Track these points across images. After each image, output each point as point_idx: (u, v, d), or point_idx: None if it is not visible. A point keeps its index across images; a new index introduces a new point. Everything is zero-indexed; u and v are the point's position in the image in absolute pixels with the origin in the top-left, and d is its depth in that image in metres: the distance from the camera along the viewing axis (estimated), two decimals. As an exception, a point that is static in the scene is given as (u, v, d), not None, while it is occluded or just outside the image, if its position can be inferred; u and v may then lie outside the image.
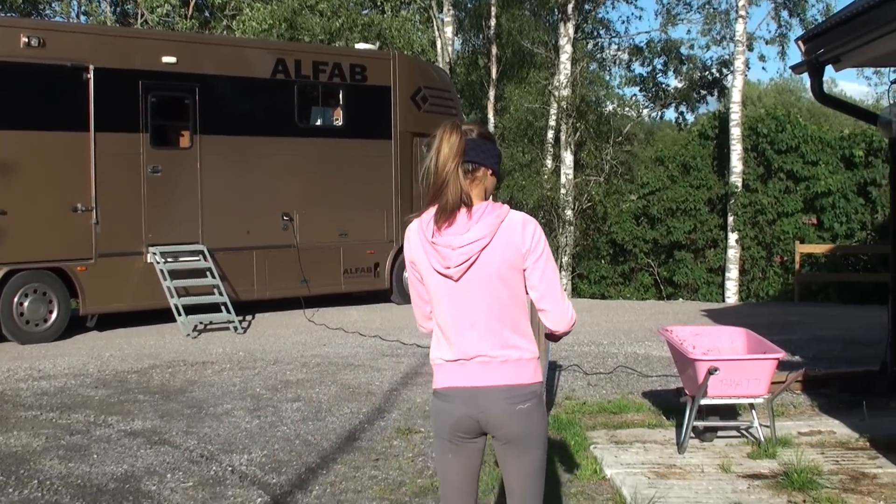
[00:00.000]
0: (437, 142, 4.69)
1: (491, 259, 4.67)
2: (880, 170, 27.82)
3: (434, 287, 4.77)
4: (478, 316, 4.72)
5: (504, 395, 4.71)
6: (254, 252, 19.53)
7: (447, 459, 4.88)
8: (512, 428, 4.76)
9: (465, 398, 4.74)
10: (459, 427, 4.80)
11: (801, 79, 65.85)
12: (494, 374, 4.72)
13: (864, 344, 15.36)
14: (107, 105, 17.56)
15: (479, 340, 4.73)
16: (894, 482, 8.23)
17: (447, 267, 4.68)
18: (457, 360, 4.76)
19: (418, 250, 4.78)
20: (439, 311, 4.80)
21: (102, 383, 12.93)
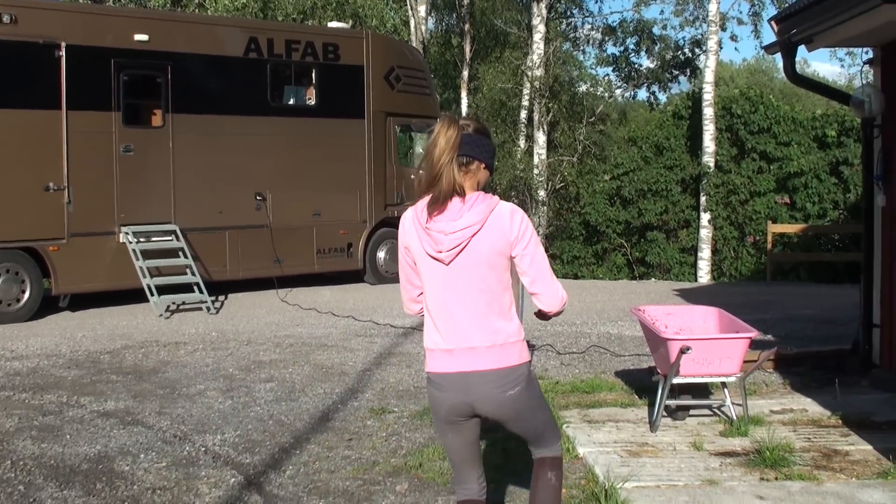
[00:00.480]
0: (435, 134, 4.97)
1: (480, 246, 4.97)
2: (853, 149, 27.91)
3: (426, 271, 5.09)
4: (467, 299, 5.02)
5: (493, 381, 5.02)
6: (226, 232, 19.48)
7: (448, 437, 5.26)
8: (504, 412, 5.13)
9: (456, 384, 5.05)
10: (454, 411, 5.12)
11: (773, 59, 66.09)
12: (482, 358, 5.02)
13: (837, 323, 15.46)
14: (79, 83, 17.45)
15: (467, 324, 5.03)
16: (866, 459, 8.29)
17: (439, 251, 4.98)
18: (447, 347, 5.07)
19: (412, 236, 5.12)
20: (430, 296, 5.12)
21: (75, 364, 12.90)
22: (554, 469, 5.38)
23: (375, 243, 21.96)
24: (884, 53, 11.14)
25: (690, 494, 7.31)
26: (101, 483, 7.90)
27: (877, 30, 9.94)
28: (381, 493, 7.63)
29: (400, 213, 18.34)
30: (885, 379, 10.83)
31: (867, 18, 9.42)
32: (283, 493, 7.65)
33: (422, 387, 11.41)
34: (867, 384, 11.11)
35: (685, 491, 7.40)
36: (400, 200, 22.36)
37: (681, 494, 7.31)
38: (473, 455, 5.32)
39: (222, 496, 7.61)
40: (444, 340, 5.09)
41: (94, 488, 7.77)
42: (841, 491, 7.36)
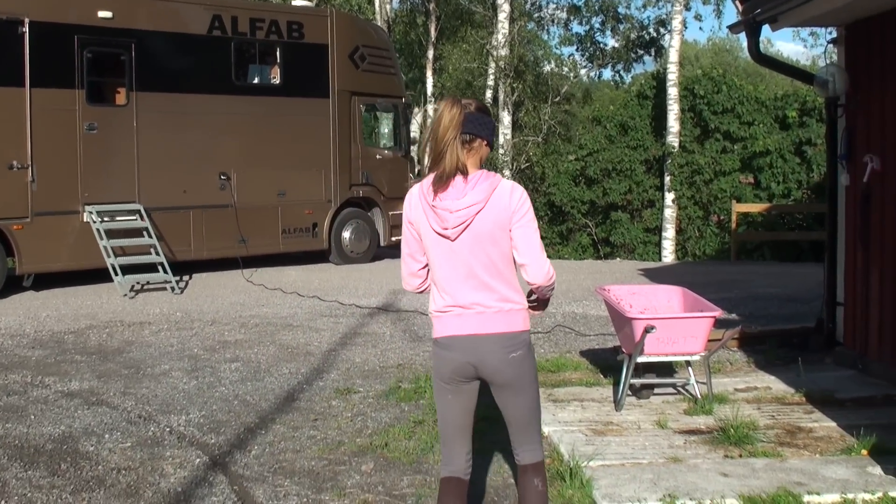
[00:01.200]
0: (439, 113, 5.22)
1: (484, 222, 5.20)
2: (815, 129, 28.08)
3: (432, 246, 5.30)
4: (473, 271, 5.26)
5: (498, 344, 5.26)
6: (191, 212, 19.40)
7: (447, 399, 5.45)
8: (505, 374, 5.30)
9: (464, 346, 5.30)
10: (458, 372, 5.35)
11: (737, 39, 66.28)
12: (490, 322, 5.27)
13: (800, 301, 15.56)
14: (42, 60, 17.31)
15: (474, 293, 5.28)
16: (829, 435, 8.36)
17: (445, 228, 5.21)
18: (455, 311, 5.32)
19: (418, 212, 5.33)
20: (437, 268, 5.34)
21: (39, 344, 12.84)
22: (538, 475, 5.50)
23: (340, 223, 21.92)
24: (847, 33, 11.18)
25: (655, 472, 7.34)
26: (66, 463, 7.86)
27: (841, 9, 9.98)
28: (347, 472, 7.63)
29: (365, 193, 18.28)
30: (849, 356, 10.91)
31: (831, -2, 9.48)
32: (249, 473, 7.64)
33: (387, 366, 11.43)
34: (831, 362, 11.19)
35: (650, 469, 7.44)
36: (365, 180, 22.34)
37: (645, 472, 7.34)
38: (466, 425, 5.50)
39: (187, 476, 7.59)
40: (454, 307, 5.32)
41: (58, 468, 7.74)
42: (805, 467, 7.41)
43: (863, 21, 10.68)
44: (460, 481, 5.53)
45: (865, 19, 10.59)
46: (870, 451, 7.72)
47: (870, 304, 10.53)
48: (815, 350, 11.63)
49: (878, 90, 10.45)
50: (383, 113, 23.31)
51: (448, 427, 5.51)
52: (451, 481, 5.52)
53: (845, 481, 7.09)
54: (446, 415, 5.50)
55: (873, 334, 10.47)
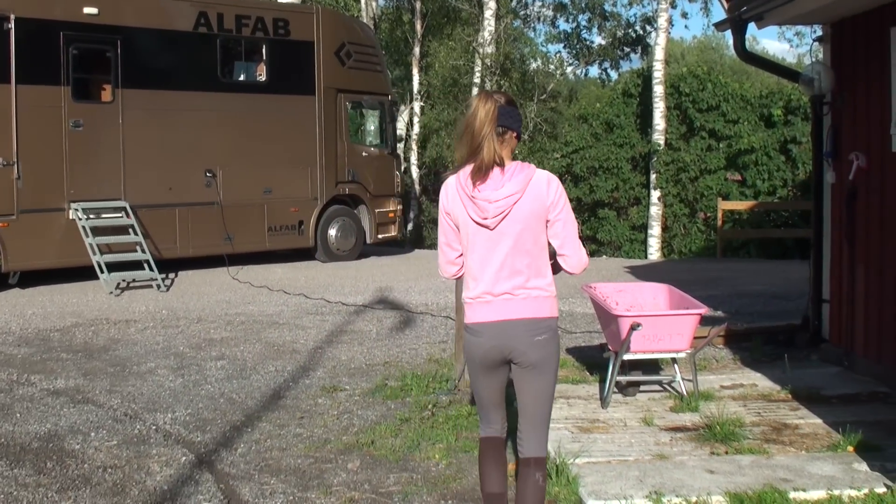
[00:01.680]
0: (473, 109, 5.50)
1: (521, 211, 5.47)
2: (800, 127, 28.13)
3: (471, 235, 5.56)
4: (507, 259, 5.52)
5: (525, 328, 5.52)
6: (176, 209, 19.37)
7: (480, 380, 5.75)
8: (531, 355, 5.55)
9: (493, 331, 5.55)
10: (488, 356, 5.61)
11: (723, 36, 66.36)
12: (517, 308, 5.53)
13: (786, 298, 15.60)
14: (28, 56, 17.24)
15: (506, 280, 5.53)
16: (815, 432, 8.37)
17: (485, 218, 5.47)
18: (485, 298, 5.56)
19: (456, 202, 5.59)
20: (473, 256, 5.59)
21: (25, 341, 12.81)
22: (539, 469, 5.68)
23: (327, 221, 21.90)
24: (833, 31, 11.20)
25: (641, 469, 7.35)
26: (52, 462, 7.85)
27: (826, 7, 10.00)
28: (333, 470, 7.63)
29: (351, 191, 18.25)
30: (835, 353, 10.93)
31: (817, -4, 9.50)
32: (235, 472, 7.63)
33: (373, 364, 11.45)
34: (817, 359, 11.21)
35: (636, 466, 7.44)
36: (351, 178, 22.33)
37: (631, 469, 7.35)
38: (500, 399, 5.81)
39: (173, 474, 7.58)
40: (485, 294, 5.57)
41: (44, 467, 7.72)
42: (791, 464, 7.42)
43: (848, 19, 10.70)
44: (498, 440, 5.86)
45: (851, 17, 10.61)
46: (856, 447, 7.74)
47: (855, 301, 10.55)
48: (801, 347, 11.65)
49: (863, 88, 10.47)
50: (369, 110, 23.28)
51: (485, 399, 5.81)
52: (490, 440, 5.85)
53: (831, 478, 7.10)
54: (481, 392, 5.81)
55: (859, 331, 10.49)
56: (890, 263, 9.81)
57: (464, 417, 8.93)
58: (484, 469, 5.84)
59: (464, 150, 5.59)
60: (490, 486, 5.79)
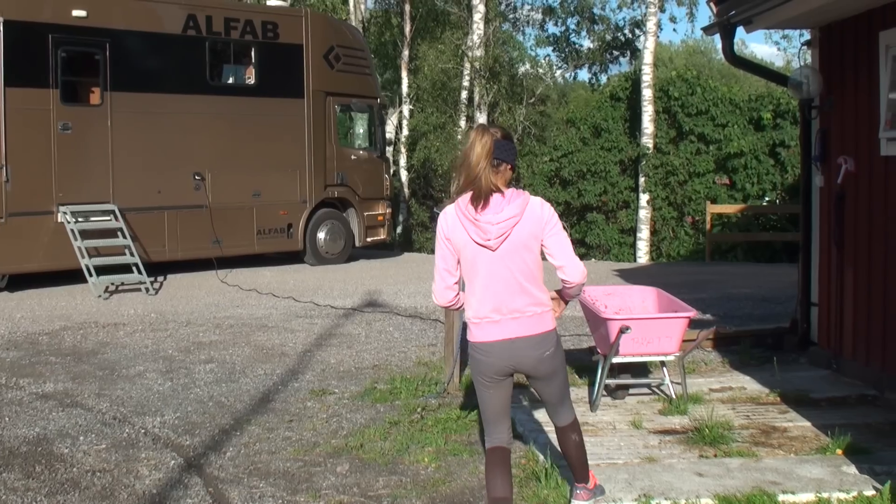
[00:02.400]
0: (471, 142, 5.91)
1: (521, 233, 5.90)
2: (789, 131, 28.19)
3: (472, 258, 5.95)
4: (512, 277, 5.94)
5: (533, 344, 5.97)
6: (165, 212, 19.35)
7: (489, 394, 6.12)
8: (540, 370, 6.08)
9: (502, 350, 5.96)
10: (499, 372, 6.03)
11: (711, 40, 66.44)
12: (525, 326, 5.97)
13: (775, 302, 15.62)
14: (16, 59, 17.22)
15: (511, 298, 5.96)
16: (804, 435, 8.39)
17: (487, 239, 5.86)
18: (493, 318, 5.96)
19: (457, 227, 5.96)
20: (476, 279, 5.98)
21: (13, 345, 12.78)
22: (575, 430, 6.41)
23: (315, 224, 21.91)
24: (822, 35, 11.22)
25: (630, 472, 7.36)
26: (41, 466, 7.83)
27: (815, 11, 10.02)
28: (322, 474, 7.62)
29: (340, 194, 18.25)
30: (823, 356, 10.95)
31: (806, 0, 9.50)
32: (224, 475, 7.62)
33: (362, 368, 11.44)
34: (805, 362, 11.23)
35: (625, 469, 7.45)
36: (340, 181, 22.33)
37: (620, 472, 7.35)
38: (506, 409, 6.18)
39: (162, 478, 7.57)
40: (491, 313, 5.96)
41: (33, 471, 7.71)
42: (779, 466, 7.43)
43: (837, 23, 10.72)
44: (505, 450, 6.14)
45: (839, 21, 10.63)
46: (844, 450, 7.76)
47: (844, 304, 10.57)
48: (789, 350, 11.67)
49: (851, 92, 10.50)
50: (358, 113, 23.29)
51: (492, 413, 6.16)
52: (497, 450, 6.13)
53: (820, 481, 7.11)
54: (489, 404, 6.15)
55: (847, 334, 10.51)
56: (878, 267, 9.83)
57: (453, 421, 8.93)
58: (491, 476, 6.11)
59: (461, 180, 5.97)
60: (497, 492, 6.05)
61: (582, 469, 6.54)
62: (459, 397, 9.84)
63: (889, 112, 9.67)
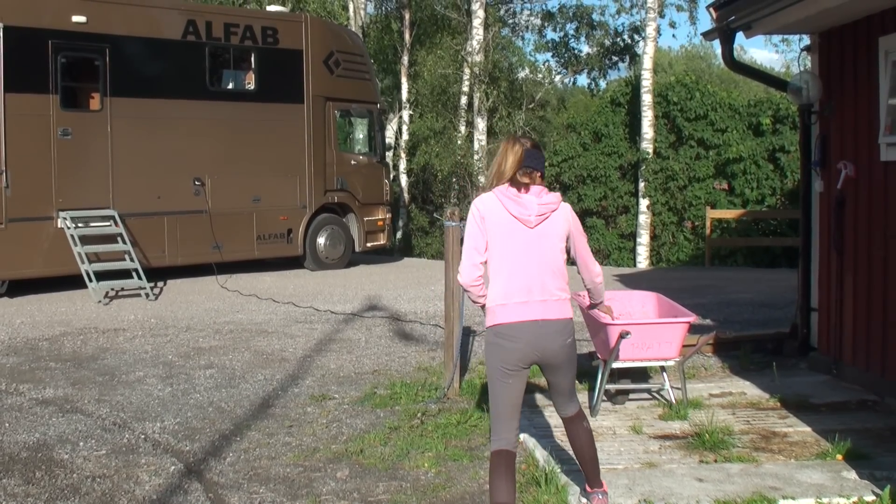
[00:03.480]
0: (503, 151, 6.32)
1: (555, 222, 6.30)
2: (788, 136, 28.18)
3: (507, 234, 6.23)
4: (543, 259, 6.25)
5: (558, 330, 6.25)
6: (165, 217, 19.34)
7: (508, 384, 6.24)
8: (560, 357, 6.33)
9: (529, 334, 6.17)
10: (523, 360, 6.22)
11: (711, 46, 66.46)
12: (551, 309, 6.23)
13: (774, 307, 15.60)
14: (16, 65, 17.22)
15: (541, 280, 6.23)
16: (804, 440, 8.39)
17: (528, 215, 6.20)
18: (522, 298, 6.19)
19: (495, 206, 6.25)
20: (507, 258, 6.24)
21: (13, 351, 12.78)
22: (582, 418, 6.65)
23: (315, 229, 21.90)
24: (821, 40, 11.23)
25: (630, 477, 7.36)
26: (41, 471, 7.83)
27: (814, 17, 10.02)
28: (322, 479, 7.62)
29: (340, 199, 18.26)
30: (823, 362, 10.95)
31: (805, 6, 9.51)
32: (224, 481, 7.63)
33: (362, 373, 11.43)
34: (805, 367, 11.23)
35: (625, 474, 7.45)
36: (339, 186, 22.33)
37: (620, 477, 7.35)
38: (518, 405, 6.32)
39: (162, 484, 7.57)
40: (519, 293, 6.20)
41: (33, 477, 7.71)
42: (780, 472, 7.43)
43: (836, 29, 10.73)
44: (510, 453, 6.24)
45: (839, 27, 10.64)
46: (844, 455, 7.76)
47: (844, 309, 10.58)
48: (789, 355, 11.68)
49: (851, 97, 10.51)
50: (358, 118, 23.28)
51: (505, 407, 6.27)
52: (502, 453, 6.22)
53: (820, 486, 7.11)
54: (504, 397, 6.26)
55: (847, 339, 10.51)
56: (878, 272, 9.84)
57: (453, 426, 8.93)
58: (495, 481, 6.18)
59: (494, 186, 6.33)
60: (500, 497, 6.14)
61: (594, 466, 6.68)
62: (459, 402, 9.84)
63: (889, 117, 9.68)
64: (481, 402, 9.71)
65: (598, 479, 6.73)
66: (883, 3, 9.30)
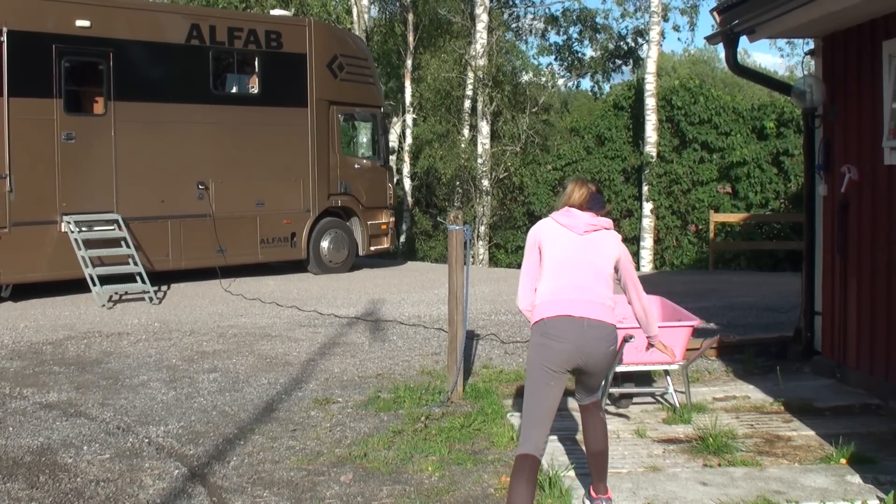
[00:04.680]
0: (572, 188, 6.87)
1: (605, 238, 6.73)
2: (792, 140, 28.18)
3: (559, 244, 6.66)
4: (591, 266, 6.60)
5: (602, 335, 6.44)
6: (169, 221, 19.34)
7: (548, 386, 6.38)
8: (601, 365, 6.53)
9: (575, 333, 6.37)
10: (567, 362, 6.40)
11: (714, 50, 66.48)
12: (597, 310, 6.45)
13: (778, 311, 15.60)
14: (20, 69, 17.21)
15: (590, 282, 6.55)
16: (808, 444, 8.39)
17: (577, 224, 6.66)
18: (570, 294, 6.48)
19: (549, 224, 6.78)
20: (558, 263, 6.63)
21: (17, 355, 12.78)
22: (599, 409, 6.90)
23: (319, 233, 21.90)
24: (825, 44, 11.24)
25: (634, 481, 7.36)
26: (45, 475, 7.84)
27: (818, 20, 10.03)
28: (326, 483, 7.63)
29: (343, 203, 18.27)
30: (827, 365, 10.96)
31: (809, 9, 9.51)
32: (228, 485, 7.63)
33: (366, 377, 11.43)
34: (809, 371, 11.24)
35: (629, 478, 7.45)
36: (343, 190, 22.33)
37: (624, 481, 7.36)
38: (553, 411, 6.42)
39: (166, 488, 7.58)
40: (567, 287, 6.51)
41: (37, 481, 7.71)
42: (784, 476, 7.43)
43: (840, 33, 10.74)
44: (535, 459, 6.29)
45: (843, 31, 10.65)
46: (848, 459, 7.76)
47: (847, 313, 10.57)
48: (793, 359, 11.68)
49: (855, 101, 10.51)
50: (362, 122, 23.27)
51: (540, 411, 6.37)
52: (527, 458, 6.27)
53: (824, 490, 7.12)
54: (542, 400, 6.38)
55: (851, 343, 10.51)
56: (882, 276, 9.84)
57: (456, 430, 8.94)
58: (515, 485, 6.22)
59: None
60: (517, 501, 6.16)
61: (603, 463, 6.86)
62: (463, 406, 9.84)
63: (892, 121, 9.69)
64: (482, 405, 9.72)
65: (603, 484, 6.82)
66: (887, 7, 9.31)
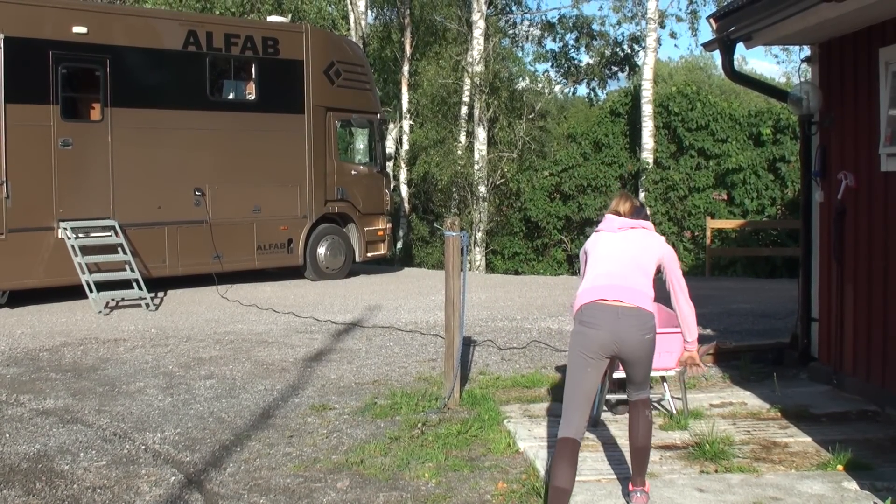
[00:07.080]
0: (618, 200, 7.37)
1: (643, 235, 7.13)
2: (789, 146, 28.23)
3: (600, 243, 7.14)
4: (628, 258, 6.95)
5: (636, 323, 6.69)
6: (165, 227, 19.33)
7: (586, 371, 6.66)
8: (637, 353, 6.77)
9: (609, 319, 6.65)
10: (603, 349, 6.65)
11: (711, 56, 66.49)
12: (632, 297, 6.72)
13: (775, 317, 15.61)
14: (17, 75, 17.22)
15: (627, 273, 6.85)
16: (805, 450, 8.39)
17: (613, 224, 7.14)
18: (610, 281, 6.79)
19: (594, 236, 7.27)
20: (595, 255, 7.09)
21: (14, 361, 12.77)
22: (647, 407, 7.06)
23: (316, 239, 21.90)
24: (821, 51, 11.25)
25: (631, 489, 7.35)
26: (41, 482, 7.83)
27: (814, 28, 10.04)
28: (322, 489, 7.62)
29: (340, 209, 18.30)
30: (824, 372, 10.96)
31: (805, 17, 9.52)
32: (224, 491, 7.62)
33: (363, 383, 11.42)
34: (805, 377, 11.24)
35: (626, 484, 7.45)
36: (340, 196, 22.33)
37: (621, 488, 7.35)
38: (591, 395, 6.72)
39: (163, 495, 7.57)
40: (606, 275, 6.84)
41: (33, 488, 7.70)
42: (780, 482, 7.44)
43: (836, 40, 10.75)
44: (576, 442, 6.52)
45: (839, 38, 10.66)
46: (845, 466, 7.76)
47: (844, 319, 10.58)
48: (789, 365, 11.69)
49: (851, 108, 10.52)
50: (358, 128, 23.29)
51: (579, 395, 6.64)
52: (569, 441, 6.51)
53: (821, 496, 7.12)
54: (580, 384, 6.65)
55: (848, 350, 10.52)
56: (878, 282, 9.84)
57: (453, 436, 8.93)
58: (558, 465, 6.47)
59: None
60: (559, 481, 6.42)
61: (644, 458, 7.03)
62: (460, 413, 9.84)
63: (889, 128, 9.70)
64: (479, 411, 9.72)
65: (641, 478, 7.04)
66: (883, 13, 9.33)
